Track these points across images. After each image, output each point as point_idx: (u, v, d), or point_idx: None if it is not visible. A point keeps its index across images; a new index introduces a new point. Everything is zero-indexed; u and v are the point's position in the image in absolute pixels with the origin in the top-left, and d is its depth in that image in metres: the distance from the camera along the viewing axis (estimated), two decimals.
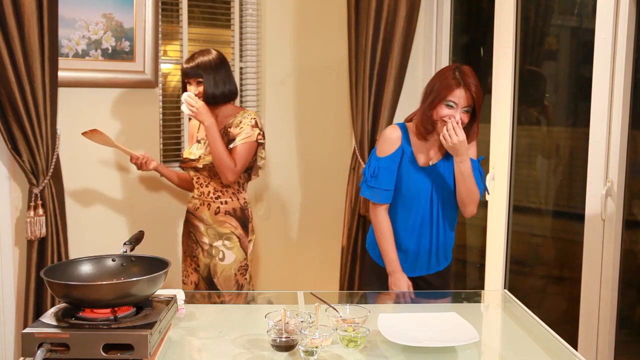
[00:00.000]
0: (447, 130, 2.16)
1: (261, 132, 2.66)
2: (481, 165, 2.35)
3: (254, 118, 2.67)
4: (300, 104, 3.65)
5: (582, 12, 2.76)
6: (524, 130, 2.97)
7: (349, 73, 3.32)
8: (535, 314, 1.90)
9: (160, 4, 3.12)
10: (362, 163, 3.25)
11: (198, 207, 2.73)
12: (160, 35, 3.15)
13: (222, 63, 2.67)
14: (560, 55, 2.95)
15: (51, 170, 2.73)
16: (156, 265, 1.70)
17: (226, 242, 2.69)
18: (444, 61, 3.27)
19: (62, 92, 2.83)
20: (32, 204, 2.70)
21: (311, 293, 1.90)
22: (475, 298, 2.24)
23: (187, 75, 2.65)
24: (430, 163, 2.33)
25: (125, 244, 1.90)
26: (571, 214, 2.87)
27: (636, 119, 2.40)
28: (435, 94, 2.20)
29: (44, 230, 2.72)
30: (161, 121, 3.27)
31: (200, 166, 2.66)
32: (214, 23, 3.52)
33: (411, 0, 3.06)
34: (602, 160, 2.43)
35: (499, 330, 1.87)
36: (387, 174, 2.33)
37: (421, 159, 2.33)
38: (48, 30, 2.65)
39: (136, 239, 1.96)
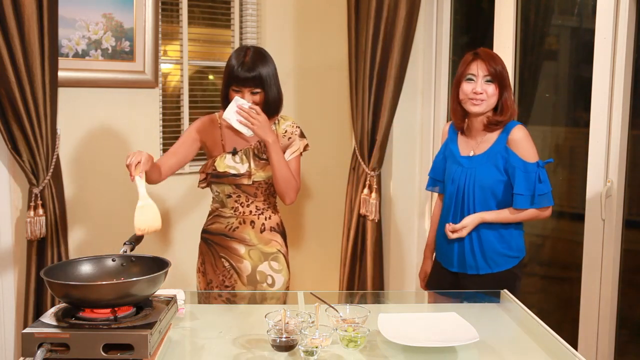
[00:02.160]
0: (448, 233, 2.22)
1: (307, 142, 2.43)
2: (543, 170, 2.18)
3: (298, 126, 2.41)
4: (300, 104, 3.65)
5: (582, 12, 2.76)
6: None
7: (349, 73, 3.32)
8: (535, 314, 1.90)
9: (160, 4, 3.12)
10: (362, 163, 3.25)
11: (237, 227, 2.37)
12: (160, 35, 3.15)
13: (275, 65, 2.35)
14: (560, 55, 2.95)
15: (51, 170, 2.73)
16: (156, 265, 1.70)
17: (273, 264, 2.40)
18: (444, 61, 3.27)
19: (62, 92, 2.83)
20: (32, 204, 2.70)
21: (311, 293, 1.90)
22: (475, 298, 2.23)
23: (243, 83, 2.25)
24: (471, 154, 2.28)
25: (125, 244, 1.89)
26: (571, 214, 2.87)
27: (636, 119, 2.40)
28: (457, 75, 2.26)
29: (44, 230, 2.72)
30: (161, 121, 3.27)
31: (250, 183, 2.33)
32: (214, 23, 3.52)
33: (411, 0, 3.06)
34: (602, 160, 2.43)
35: (499, 330, 1.87)
36: (435, 163, 2.47)
37: (463, 148, 2.31)
38: (48, 30, 2.65)
39: (136, 239, 1.96)
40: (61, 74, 2.78)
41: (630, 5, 2.34)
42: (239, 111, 2.23)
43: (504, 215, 2.21)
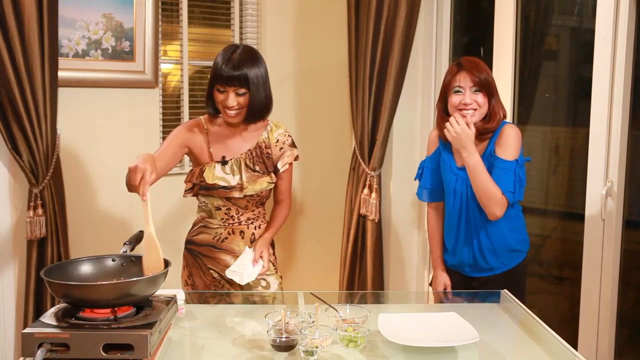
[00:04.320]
0: (450, 122, 2.17)
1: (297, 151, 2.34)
2: (523, 167, 2.22)
3: (290, 135, 2.32)
4: (301, 104, 3.65)
5: (582, 12, 2.76)
6: (524, 130, 2.97)
7: (349, 73, 3.32)
8: (535, 314, 1.90)
9: (160, 4, 3.12)
10: (362, 163, 3.25)
11: (226, 238, 2.27)
12: (160, 35, 3.15)
13: (266, 68, 2.21)
14: (560, 55, 2.95)
15: (51, 170, 2.73)
16: None
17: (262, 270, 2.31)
18: (444, 61, 3.27)
19: (62, 92, 2.83)
20: (32, 204, 2.70)
21: (311, 293, 1.91)
22: (475, 298, 2.24)
23: (228, 82, 2.10)
24: None
25: (125, 244, 1.89)
26: (571, 214, 2.87)
27: (636, 119, 2.40)
28: (443, 87, 2.26)
29: (44, 230, 2.72)
30: (161, 121, 3.27)
31: (241, 196, 2.23)
32: (214, 23, 3.52)
33: (411, 0, 3.06)
34: (602, 160, 2.43)
35: (499, 330, 1.87)
36: (429, 173, 2.42)
37: (459, 159, 2.29)
38: (48, 30, 2.65)
39: (136, 239, 1.96)
40: (61, 74, 2.78)
41: (630, 5, 2.34)
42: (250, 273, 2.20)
43: (483, 169, 2.14)
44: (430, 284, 2.52)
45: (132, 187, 1.81)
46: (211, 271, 2.31)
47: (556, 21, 2.95)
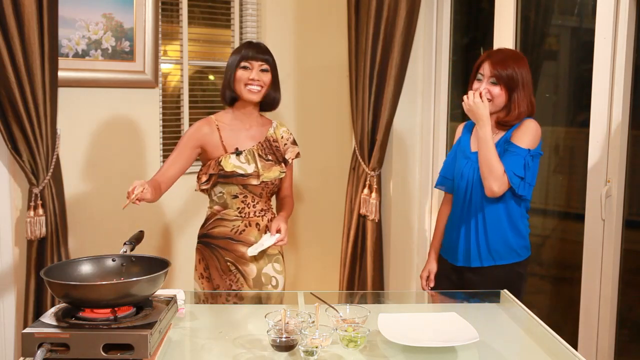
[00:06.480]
0: (467, 95, 2.21)
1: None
2: (532, 158, 2.20)
3: (292, 133, 2.53)
4: (301, 104, 3.65)
5: (582, 12, 2.76)
6: None
7: (349, 73, 3.32)
8: (535, 314, 1.90)
9: (160, 4, 3.12)
10: (362, 163, 3.25)
11: (243, 230, 2.38)
12: (160, 35, 3.15)
13: None
14: (561, 55, 2.95)
15: (51, 170, 2.73)
16: (156, 265, 1.70)
17: (275, 265, 2.44)
18: (444, 61, 3.27)
19: (62, 92, 2.83)
20: (32, 204, 2.70)
21: (311, 293, 1.91)
22: (475, 298, 2.24)
23: (254, 58, 2.31)
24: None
25: (125, 244, 1.90)
26: (571, 214, 2.87)
27: (636, 119, 2.41)
28: (473, 71, 2.30)
29: (44, 230, 2.72)
30: (161, 121, 3.27)
31: (258, 183, 2.35)
32: (214, 23, 3.52)
33: (411, 0, 3.06)
34: (602, 160, 2.43)
35: (499, 330, 1.87)
36: (446, 161, 2.48)
37: (474, 144, 2.32)
38: (48, 30, 2.65)
39: (136, 239, 1.96)
40: (61, 74, 2.78)
41: (630, 5, 2.34)
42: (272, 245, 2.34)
43: (491, 143, 2.15)
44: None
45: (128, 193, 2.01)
46: (228, 264, 2.38)
47: (556, 21, 2.95)
